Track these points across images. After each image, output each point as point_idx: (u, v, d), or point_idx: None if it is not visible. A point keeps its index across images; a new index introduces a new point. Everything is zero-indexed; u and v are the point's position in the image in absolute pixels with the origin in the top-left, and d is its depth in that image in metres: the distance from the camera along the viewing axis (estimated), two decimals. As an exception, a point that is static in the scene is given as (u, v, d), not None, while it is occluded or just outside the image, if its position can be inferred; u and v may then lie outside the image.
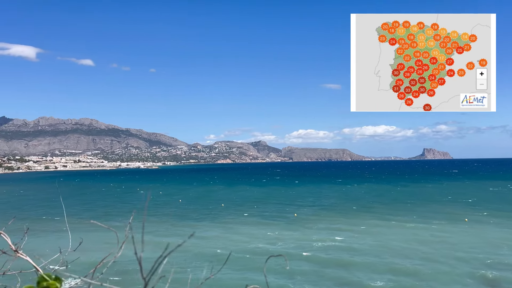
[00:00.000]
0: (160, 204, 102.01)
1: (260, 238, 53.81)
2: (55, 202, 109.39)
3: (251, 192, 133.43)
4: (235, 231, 60.78)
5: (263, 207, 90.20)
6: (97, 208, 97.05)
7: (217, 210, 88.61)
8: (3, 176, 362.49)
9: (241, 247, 47.08)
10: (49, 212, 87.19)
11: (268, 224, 66.19)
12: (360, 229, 59.02)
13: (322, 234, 56.04)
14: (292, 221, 69.83)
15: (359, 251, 45.31)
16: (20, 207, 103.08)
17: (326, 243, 49.66)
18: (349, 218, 70.15)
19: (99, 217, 78.89)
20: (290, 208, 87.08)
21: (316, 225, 63.94)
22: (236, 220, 72.38)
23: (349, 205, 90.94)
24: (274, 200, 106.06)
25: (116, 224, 66.89)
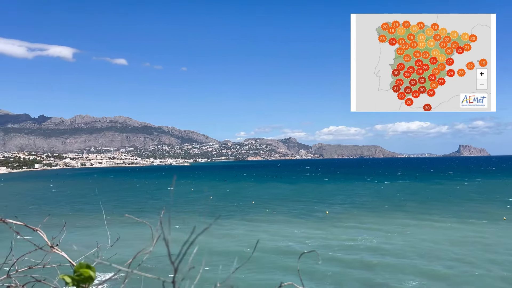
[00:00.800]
0: (191, 201, 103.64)
1: (290, 236, 53.83)
2: (91, 198, 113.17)
3: (281, 189, 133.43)
4: (265, 228, 61.10)
5: (292, 205, 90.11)
6: (130, 204, 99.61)
7: (247, 207, 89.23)
8: (42, 173, 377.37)
9: (270, 245, 47.26)
10: (85, 207, 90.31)
11: (297, 222, 66.13)
12: (391, 228, 58.03)
13: (352, 232, 55.50)
14: (322, 219, 69.49)
15: (389, 251, 44.59)
16: (58, 202, 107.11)
17: (356, 242, 49.15)
18: (381, 217, 69.11)
19: (133, 212, 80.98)
20: (320, 206, 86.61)
21: (347, 223, 63.36)
22: (266, 217, 72.71)
23: (381, 203, 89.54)
24: (304, 197, 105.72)
25: (149, 219, 68.59)
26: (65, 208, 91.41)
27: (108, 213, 76.00)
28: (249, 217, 72.59)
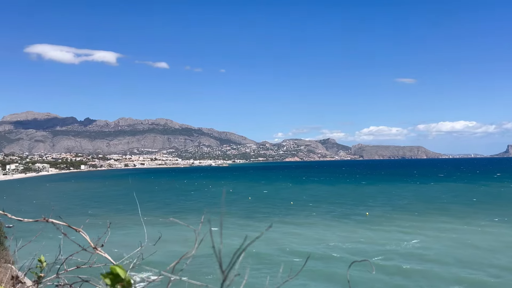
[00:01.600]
0: (230, 202, 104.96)
1: (330, 240, 53.37)
2: (133, 198, 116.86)
3: (319, 191, 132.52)
4: (305, 230, 61.00)
5: (332, 207, 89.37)
6: (170, 205, 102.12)
7: (286, 208, 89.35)
8: (88, 173, 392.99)
9: (311, 247, 47.12)
10: (127, 208, 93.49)
11: (337, 224, 65.58)
12: (434, 232, 56.35)
13: (393, 236, 54.42)
14: (362, 221, 68.54)
15: (431, 257, 43.17)
16: (102, 202, 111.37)
17: (397, 247, 48.16)
18: (423, 220, 67.32)
19: (173, 213, 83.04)
20: (360, 208, 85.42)
21: (387, 226, 62.18)
22: (305, 218, 72.57)
23: (424, 205, 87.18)
24: (344, 199, 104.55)
25: (190, 220, 70.17)
26: (108, 208, 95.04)
27: (150, 213, 78.37)
28: (288, 219, 72.61)
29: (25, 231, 4.99)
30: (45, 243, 4.18)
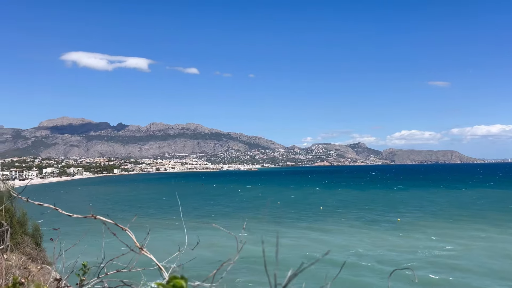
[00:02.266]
0: (259, 206, 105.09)
1: (359, 246, 52.51)
2: (164, 201, 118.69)
3: (349, 196, 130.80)
4: (333, 236, 60.32)
5: (362, 212, 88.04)
6: (199, 208, 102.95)
7: (315, 213, 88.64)
8: (121, 177, 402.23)
9: (340, 254, 46.52)
10: (158, 211, 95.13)
11: (368, 230, 64.49)
12: (470, 240, 54.42)
13: (425, 243, 53.00)
14: (393, 227, 67.16)
15: (464, 266, 41.65)
16: (135, 205, 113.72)
17: (429, 254, 46.85)
18: (457, 227, 65.26)
19: (202, 216, 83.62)
20: (391, 214, 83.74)
21: (419, 233, 60.63)
22: (335, 224, 71.76)
23: (457, 211, 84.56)
24: (374, 204, 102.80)
25: (218, 224, 70.62)
26: (142, 211, 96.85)
27: (180, 217, 79.29)
28: (317, 225, 71.95)
29: (64, 234, 5.24)
30: (83, 245, 4.39)
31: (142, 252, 2.71)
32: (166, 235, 56.94)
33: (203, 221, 73.35)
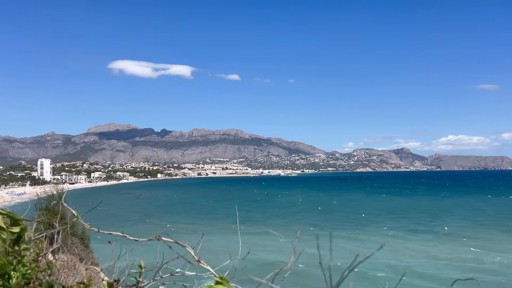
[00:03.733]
0: (299, 212, 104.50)
1: (403, 255, 51.05)
2: (209, 206, 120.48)
3: (393, 202, 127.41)
4: (377, 244, 58.91)
5: (406, 219, 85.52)
6: (244, 212, 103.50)
7: (357, 220, 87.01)
8: (164, 182, 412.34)
9: (382, 265, 45.34)
10: (204, 216, 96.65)
11: (412, 239, 62.61)
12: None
13: (474, 253, 50.71)
14: (439, 236, 64.78)
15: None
16: (179, 209, 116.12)
17: (479, 265, 44.75)
18: (509, 237, 62.01)
19: (244, 221, 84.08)
20: (437, 222, 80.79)
21: (468, 242, 58.07)
22: (377, 231, 70.16)
23: (509, 221, 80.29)
24: (419, 211, 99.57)
25: (259, 229, 70.87)
26: (188, 216, 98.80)
27: (221, 222, 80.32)
28: (358, 232, 70.54)
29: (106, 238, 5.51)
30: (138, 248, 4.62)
31: (200, 264, 2.82)
32: (216, 239, 57.75)
33: (245, 225, 73.83)
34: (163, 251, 3.05)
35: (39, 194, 32.04)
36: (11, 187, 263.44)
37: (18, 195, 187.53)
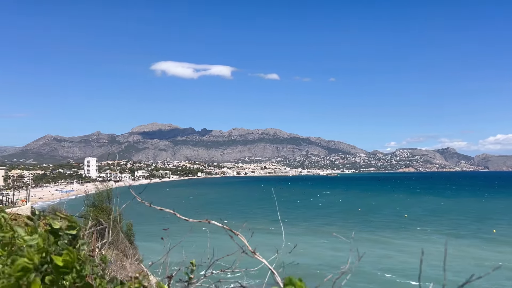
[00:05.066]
0: (339, 212, 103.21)
1: (450, 258, 49.28)
2: (240, 204, 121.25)
3: (437, 204, 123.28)
4: (419, 247, 57.23)
5: (451, 221, 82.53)
6: (283, 212, 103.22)
7: (399, 221, 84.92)
8: (205, 180, 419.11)
9: (425, 269, 43.86)
10: (251, 214, 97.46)
11: (457, 241, 60.31)
12: None
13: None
14: (487, 239, 62.07)
15: None
16: (223, 207, 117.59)
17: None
18: None
19: (286, 220, 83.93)
20: (485, 224, 77.43)
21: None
22: (420, 234, 68.15)
23: None
24: (466, 213, 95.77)
25: (298, 229, 70.68)
26: (230, 213, 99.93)
27: (259, 220, 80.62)
28: (403, 232, 68.86)
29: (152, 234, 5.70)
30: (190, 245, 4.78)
31: (255, 256, 2.77)
32: (255, 238, 58.11)
33: (284, 224, 73.64)
34: (213, 245, 3.06)
35: (86, 191, 33.57)
36: (60, 184, 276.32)
37: (67, 192, 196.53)
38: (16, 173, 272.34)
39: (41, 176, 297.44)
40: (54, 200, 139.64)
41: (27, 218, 1.71)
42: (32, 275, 1.33)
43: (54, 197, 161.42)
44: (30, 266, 1.34)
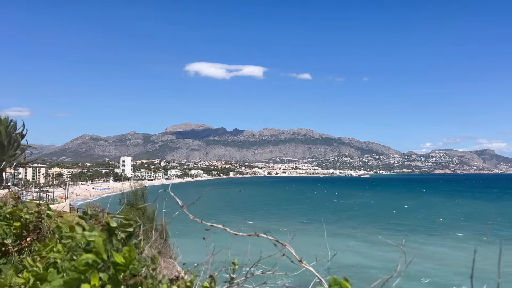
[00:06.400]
0: (371, 214, 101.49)
1: (487, 265, 47.52)
2: (271, 205, 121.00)
3: (475, 207, 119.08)
4: (453, 252, 55.51)
5: (489, 226, 79.50)
6: (308, 213, 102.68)
7: (434, 224, 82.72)
8: (236, 180, 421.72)
9: (459, 277, 42.59)
10: (285, 215, 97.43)
11: (497, 247, 58.00)
12: None
13: None
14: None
15: None
16: (256, 208, 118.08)
17: None
18: None
19: (309, 222, 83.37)
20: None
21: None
22: (455, 239, 66.12)
23: None
24: (506, 217, 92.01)
25: (328, 231, 70.07)
26: (262, 214, 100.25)
27: (288, 222, 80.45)
28: (438, 237, 67.00)
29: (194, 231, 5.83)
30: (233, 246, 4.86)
31: (302, 264, 2.77)
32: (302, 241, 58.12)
33: (312, 227, 73.37)
34: (257, 249, 3.06)
35: (122, 189, 34.61)
36: (97, 182, 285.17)
37: (103, 190, 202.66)
38: (56, 171, 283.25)
39: (78, 174, 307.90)
40: (90, 197, 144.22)
41: (79, 217, 1.78)
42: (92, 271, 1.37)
43: (91, 195, 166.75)
44: (98, 261, 1.39)
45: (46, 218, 2.92)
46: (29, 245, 2.77)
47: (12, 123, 11.22)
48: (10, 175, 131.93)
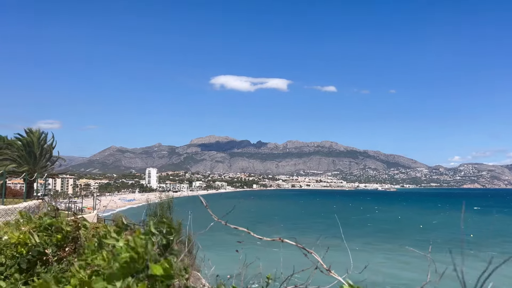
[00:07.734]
0: (397, 230, 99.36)
1: None
2: (296, 218, 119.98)
3: (508, 224, 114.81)
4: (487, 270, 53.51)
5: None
6: (333, 226, 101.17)
7: (465, 241, 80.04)
8: (260, 192, 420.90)
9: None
10: (308, 228, 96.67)
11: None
12: None
13: None
14: None
15: None
16: (287, 220, 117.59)
17: None
18: None
19: (336, 237, 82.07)
20: (562, 248, 70.92)
21: None
22: (488, 256, 63.74)
23: None
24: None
25: (353, 245, 68.90)
26: (285, 228, 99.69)
27: (310, 237, 79.40)
28: (471, 255, 64.80)
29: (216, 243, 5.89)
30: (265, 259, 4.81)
31: (330, 274, 2.71)
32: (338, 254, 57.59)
33: (337, 243, 72.16)
34: (287, 261, 3.02)
35: (148, 200, 35.07)
36: (123, 193, 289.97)
37: (129, 201, 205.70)
38: (83, 182, 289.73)
39: (105, 185, 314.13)
40: (117, 208, 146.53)
41: (116, 227, 1.80)
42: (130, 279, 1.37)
43: (117, 206, 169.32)
44: (135, 258, 1.40)
45: (83, 228, 3.05)
46: (67, 254, 2.91)
47: (43, 135, 11.62)
48: (40, 185, 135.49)
